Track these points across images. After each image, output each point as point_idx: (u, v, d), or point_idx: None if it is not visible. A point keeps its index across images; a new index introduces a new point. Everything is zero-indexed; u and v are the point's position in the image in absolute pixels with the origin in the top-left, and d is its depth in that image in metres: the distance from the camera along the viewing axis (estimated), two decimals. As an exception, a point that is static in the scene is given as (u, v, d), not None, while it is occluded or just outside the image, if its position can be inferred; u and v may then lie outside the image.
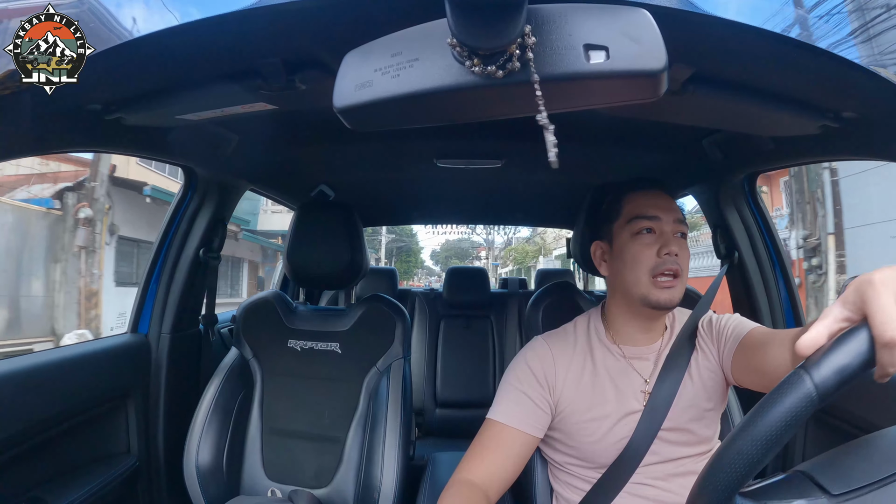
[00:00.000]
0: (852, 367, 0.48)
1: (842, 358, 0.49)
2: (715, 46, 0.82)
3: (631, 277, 1.11)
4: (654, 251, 1.09)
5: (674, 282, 1.08)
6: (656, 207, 1.12)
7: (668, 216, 1.11)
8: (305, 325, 1.68)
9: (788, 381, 0.49)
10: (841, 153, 1.20)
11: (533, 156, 1.78)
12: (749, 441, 0.49)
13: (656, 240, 1.10)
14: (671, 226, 1.11)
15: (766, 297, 1.70)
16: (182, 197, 1.71)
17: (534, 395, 1.13)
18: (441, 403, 3.04)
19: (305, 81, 0.95)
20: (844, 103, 0.96)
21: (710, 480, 0.50)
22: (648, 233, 1.11)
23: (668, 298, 1.08)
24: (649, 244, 1.10)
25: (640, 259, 1.10)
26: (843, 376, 0.48)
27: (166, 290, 1.72)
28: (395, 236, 31.38)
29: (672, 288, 1.08)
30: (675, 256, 1.08)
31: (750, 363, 1.01)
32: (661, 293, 1.08)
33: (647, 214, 1.12)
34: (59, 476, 1.34)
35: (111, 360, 1.55)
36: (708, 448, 1.13)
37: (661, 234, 1.10)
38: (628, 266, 1.12)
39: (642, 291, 1.09)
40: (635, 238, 1.12)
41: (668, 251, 1.07)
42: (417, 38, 0.62)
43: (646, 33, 0.57)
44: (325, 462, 1.55)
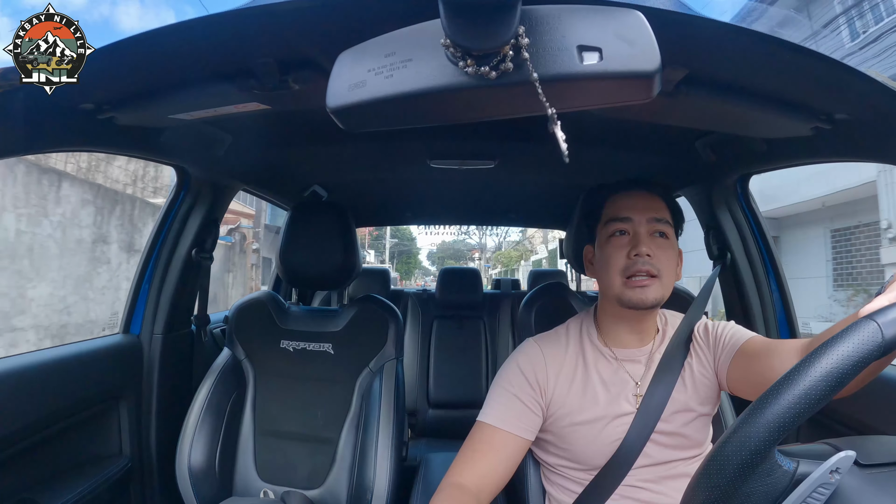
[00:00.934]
0: None
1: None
2: (708, 48, 0.82)
3: (606, 279, 1.12)
4: (625, 253, 1.09)
5: (646, 281, 1.07)
6: (629, 208, 1.12)
7: (641, 215, 1.11)
8: (298, 326, 1.68)
9: (855, 325, 0.51)
10: (833, 155, 1.20)
11: (526, 156, 1.78)
12: (818, 378, 0.49)
13: (629, 241, 1.10)
14: (646, 225, 1.11)
15: (758, 297, 1.71)
16: (174, 197, 1.70)
17: (525, 397, 1.13)
18: (434, 404, 3.05)
19: (299, 81, 0.95)
20: (837, 105, 0.96)
21: (768, 409, 0.50)
22: (622, 234, 1.11)
23: (640, 298, 1.07)
24: (622, 246, 1.10)
25: (612, 261, 1.11)
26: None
27: (158, 291, 1.71)
28: (398, 241, 31.70)
29: (645, 287, 1.07)
30: (648, 257, 1.07)
31: (748, 374, 1.01)
32: (633, 293, 1.07)
33: (619, 216, 1.12)
34: (52, 477, 1.33)
35: (103, 360, 1.54)
36: (699, 452, 1.13)
37: (634, 235, 1.10)
38: (603, 268, 1.13)
39: (616, 292, 1.10)
40: (610, 240, 1.13)
41: (638, 252, 1.07)
42: (411, 39, 0.62)
43: (639, 35, 0.57)
44: (318, 463, 1.55)
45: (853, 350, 0.48)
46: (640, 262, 1.07)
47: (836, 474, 0.51)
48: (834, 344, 0.50)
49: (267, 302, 1.71)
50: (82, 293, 7.25)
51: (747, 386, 1.03)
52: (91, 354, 1.50)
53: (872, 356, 0.48)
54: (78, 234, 7.15)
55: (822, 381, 0.48)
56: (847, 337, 0.49)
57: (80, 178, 7.79)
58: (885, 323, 0.49)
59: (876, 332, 0.49)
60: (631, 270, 1.07)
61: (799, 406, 0.48)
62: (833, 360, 0.49)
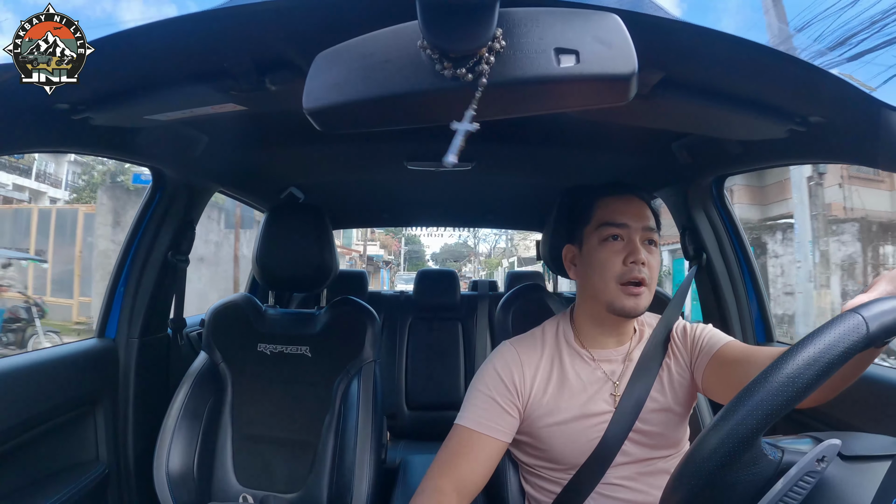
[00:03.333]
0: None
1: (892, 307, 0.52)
2: (684, 51, 0.83)
3: (598, 284, 1.12)
4: (621, 259, 1.09)
5: (640, 289, 1.08)
6: (626, 214, 1.12)
7: (637, 223, 1.11)
8: (275, 329, 1.66)
9: (840, 318, 0.52)
10: (808, 157, 1.22)
11: (503, 158, 1.78)
12: (801, 366, 0.50)
13: (624, 247, 1.10)
14: (640, 233, 1.11)
15: (733, 296, 1.73)
16: (150, 199, 1.67)
17: (502, 400, 1.13)
18: (412, 406, 3.03)
19: (276, 82, 0.94)
20: (812, 108, 0.98)
21: (755, 397, 0.51)
22: (616, 240, 1.11)
23: (634, 306, 1.08)
24: (617, 251, 1.10)
25: (607, 266, 1.10)
26: (893, 321, 0.51)
27: (134, 294, 1.68)
28: (410, 247, 32.51)
29: (639, 296, 1.08)
30: (643, 265, 1.08)
31: (723, 378, 1.03)
32: (628, 300, 1.08)
33: (616, 221, 1.12)
34: (28, 485, 1.30)
35: (78, 365, 1.51)
36: (677, 450, 1.14)
37: (629, 242, 1.10)
38: (596, 272, 1.12)
39: (609, 298, 1.10)
40: (603, 244, 1.12)
41: (635, 259, 1.08)
42: (388, 40, 0.62)
43: (616, 38, 0.58)
44: (297, 467, 1.54)
45: (838, 340, 0.50)
46: (636, 270, 1.08)
47: (823, 463, 0.52)
48: (820, 334, 0.51)
49: (244, 305, 1.69)
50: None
51: (722, 390, 1.04)
52: (66, 359, 1.47)
53: (857, 347, 0.50)
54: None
55: (808, 369, 0.49)
56: (832, 327, 0.51)
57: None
58: (870, 317, 0.51)
59: (861, 325, 0.50)
60: (626, 277, 1.08)
61: (786, 394, 0.49)
62: (819, 349, 0.50)
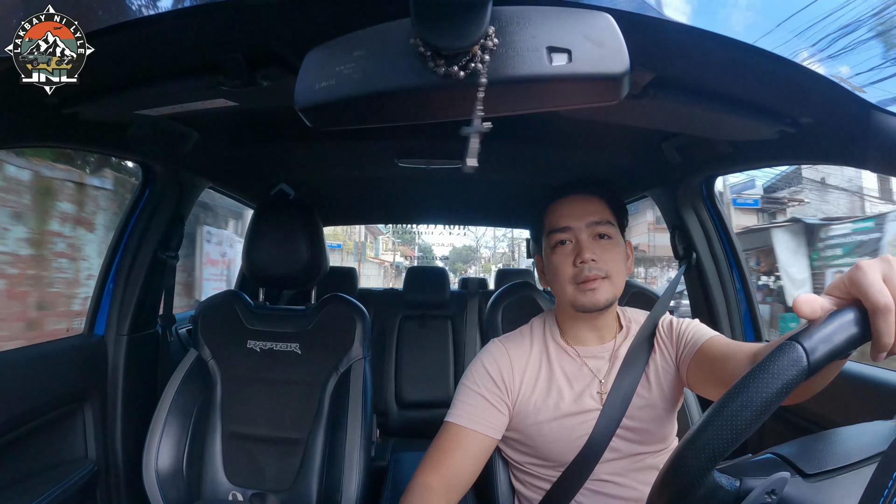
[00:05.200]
0: (842, 340, 0.51)
1: (831, 331, 0.51)
2: (676, 51, 0.83)
3: (557, 288, 1.15)
4: (571, 261, 1.12)
5: (594, 284, 1.09)
6: (567, 216, 1.15)
7: (580, 222, 1.13)
8: (265, 326, 1.66)
9: (781, 350, 0.51)
10: (798, 158, 1.23)
11: (494, 157, 1.78)
12: (740, 407, 0.49)
13: (572, 249, 1.12)
14: (586, 231, 1.13)
15: (722, 296, 1.74)
16: (139, 194, 1.66)
17: (491, 397, 1.14)
18: (402, 404, 3.03)
19: (267, 78, 0.94)
20: (802, 109, 0.98)
21: (695, 445, 0.51)
22: (564, 244, 1.14)
23: (592, 301, 1.10)
24: (567, 255, 1.13)
25: (560, 271, 1.13)
26: (833, 349, 0.50)
27: (123, 291, 1.66)
28: (422, 253, 35.10)
29: (594, 290, 1.09)
30: (594, 262, 1.10)
31: (706, 373, 1.03)
32: (584, 296, 1.10)
33: (559, 226, 1.14)
34: (15, 483, 1.29)
35: (66, 362, 1.50)
36: (665, 446, 1.15)
37: (577, 243, 1.12)
38: (553, 277, 1.16)
39: (569, 298, 1.12)
40: (554, 250, 1.15)
41: (583, 259, 1.10)
42: (380, 37, 0.62)
43: (608, 37, 0.58)
44: (287, 465, 1.53)
45: (777, 375, 0.49)
46: (586, 269, 1.09)
47: (773, 495, 0.52)
48: (759, 371, 0.50)
49: (233, 301, 1.68)
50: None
51: (704, 385, 1.05)
52: (54, 356, 1.46)
53: (798, 380, 0.49)
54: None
55: (746, 410, 0.49)
56: (772, 363, 0.50)
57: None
58: (811, 347, 0.50)
59: (801, 358, 0.49)
60: (580, 278, 1.10)
61: (726, 435, 0.49)
62: (756, 388, 0.49)
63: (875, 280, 0.52)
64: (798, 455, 0.56)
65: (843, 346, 0.51)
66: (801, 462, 0.55)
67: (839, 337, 0.51)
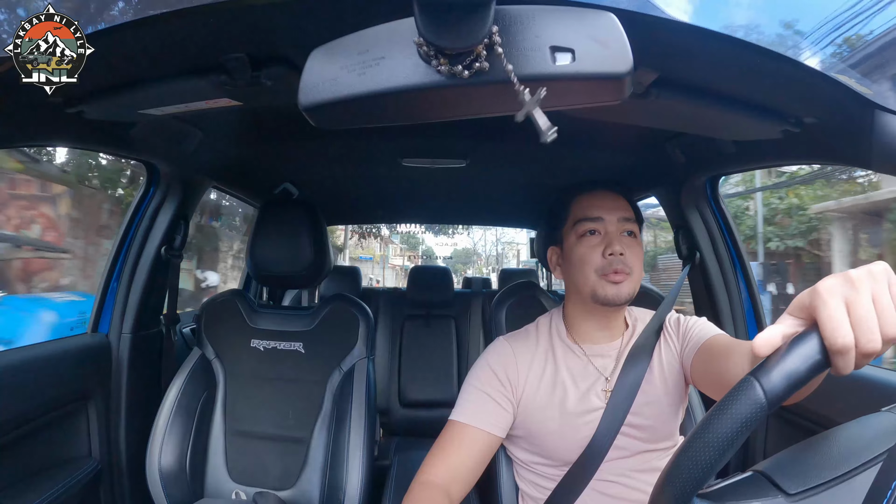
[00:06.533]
0: (801, 372, 0.49)
1: (791, 364, 0.49)
2: (680, 51, 0.83)
3: (580, 278, 1.14)
4: (600, 252, 1.11)
5: (621, 277, 1.09)
6: (599, 208, 1.14)
7: (611, 215, 1.13)
8: (268, 325, 1.66)
9: (739, 388, 0.50)
10: (801, 157, 1.23)
11: (497, 156, 1.79)
12: (702, 447, 0.49)
13: (601, 240, 1.12)
14: (616, 225, 1.13)
15: (726, 296, 1.73)
16: (143, 193, 1.67)
17: (496, 395, 1.14)
18: (405, 403, 3.03)
19: (271, 78, 0.94)
20: (806, 109, 0.98)
21: (669, 484, 0.51)
22: (593, 234, 1.13)
23: (616, 293, 1.09)
24: (595, 245, 1.12)
25: (587, 260, 1.12)
26: (791, 382, 0.49)
27: (127, 290, 1.67)
28: (426, 256, 35.68)
29: (620, 283, 1.09)
30: (622, 256, 1.10)
31: (708, 370, 1.03)
32: (609, 287, 1.09)
33: (590, 216, 1.14)
34: (19, 481, 1.30)
35: (71, 360, 1.50)
36: (671, 443, 1.15)
37: (606, 235, 1.13)
38: (577, 267, 1.14)
39: (591, 288, 1.11)
40: (581, 240, 1.14)
41: (612, 251, 1.10)
42: (384, 37, 0.62)
43: (612, 36, 0.58)
44: (290, 463, 1.54)
45: (735, 417, 0.48)
46: (615, 262, 1.09)
47: None
48: (718, 412, 0.49)
49: (237, 301, 1.69)
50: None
51: (706, 383, 1.05)
52: (59, 354, 1.47)
53: (757, 418, 0.48)
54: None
55: (708, 450, 0.48)
56: (729, 403, 0.49)
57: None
58: (769, 387, 0.48)
59: (759, 398, 0.48)
60: (607, 270, 1.10)
61: (696, 474, 0.49)
62: (716, 430, 0.49)
63: (833, 313, 0.49)
64: (782, 471, 0.55)
65: (803, 378, 0.49)
66: (785, 479, 0.54)
67: (799, 369, 0.49)
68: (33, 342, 1.51)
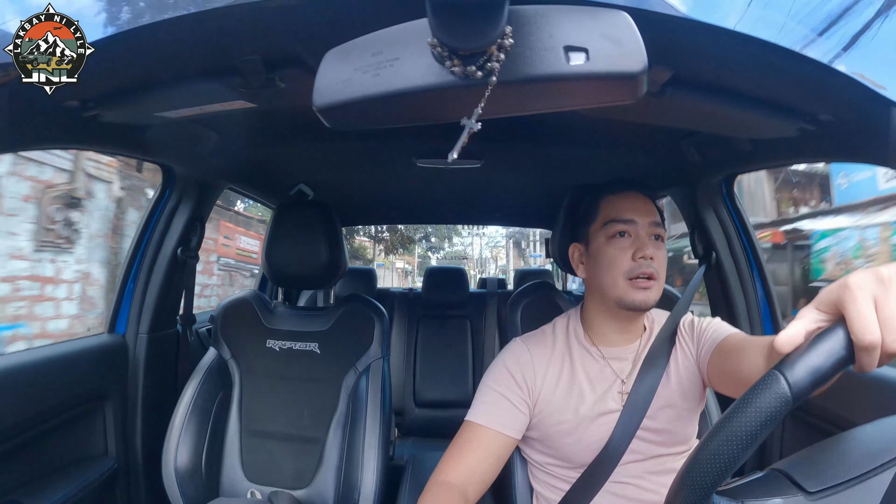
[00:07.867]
0: (826, 367, 0.48)
1: (816, 359, 0.49)
2: (694, 49, 0.83)
3: (607, 280, 1.12)
4: (629, 255, 1.10)
5: (650, 283, 1.08)
6: (632, 210, 1.13)
7: (643, 219, 1.12)
8: (284, 325, 1.67)
9: (763, 382, 0.49)
10: (817, 155, 1.21)
11: (512, 156, 1.78)
12: (724, 441, 0.49)
13: (632, 243, 1.11)
14: (647, 229, 1.12)
15: (742, 297, 1.72)
16: (160, 195, 1.69)
17: (512, 396, 1.14)
18: (420, 403, 3.04)
19: (285, 80, 0.94)
20: (822, 107, 0.97)
21: (688, 480, 0.50)
22: (623, 236, 1.12)
23: (644, 299, 1.08)
24: (624, 248, 1.11)
25: (616, 262, 1.11)
26: (816, 377, 0.48)
27: (143, 290, 1.69)
28: (422, 259, 36.46)
29: (648, 289, 1.08)
30: (651, 260, 1.08)
31: (724, 368, 1.02)
32: (637, 294, 1.08)
33: (623, 218, 1.12)
34: (37, 479, 1.32)
35: (88, 360, 1.52)
36: (686, 447, 1.14)
37: (637, 238, 1.11)
38: (604, 269, 1.13)
39: (618, 293, 1.10)
40: (611, 241, 1.13)
41: (643, 255, 1.08)
42: (398, 38, 0.62)
43: (626, 35, 0.58)
44: (305, 463, 1.54)
45: (760, 410, 0.48)
46: (644, 265, 1.08)
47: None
48: (742, 405, 0.49)
49: (252, 301, 1.70)
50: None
51: (723, 382, 1.04)
52: (76, 355, 1.49)
53: (782, 412, 0.48)
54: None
55: (732, 444, 0.48)
56: (754, 396, 0.49)
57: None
58: (794, 381, 0.48)
59: (784, 391, 0.48)
60: (635, 273, 1.08)
61: (713, 471, 0.48)
62: (741, 424, 0.48)
63: (863, 310, 0.48)
64: (802, 469, 0.55)
65: (828, 373, 0.49)
66: (805, 478, 0.53)
67: (824, 364, 0.49)
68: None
